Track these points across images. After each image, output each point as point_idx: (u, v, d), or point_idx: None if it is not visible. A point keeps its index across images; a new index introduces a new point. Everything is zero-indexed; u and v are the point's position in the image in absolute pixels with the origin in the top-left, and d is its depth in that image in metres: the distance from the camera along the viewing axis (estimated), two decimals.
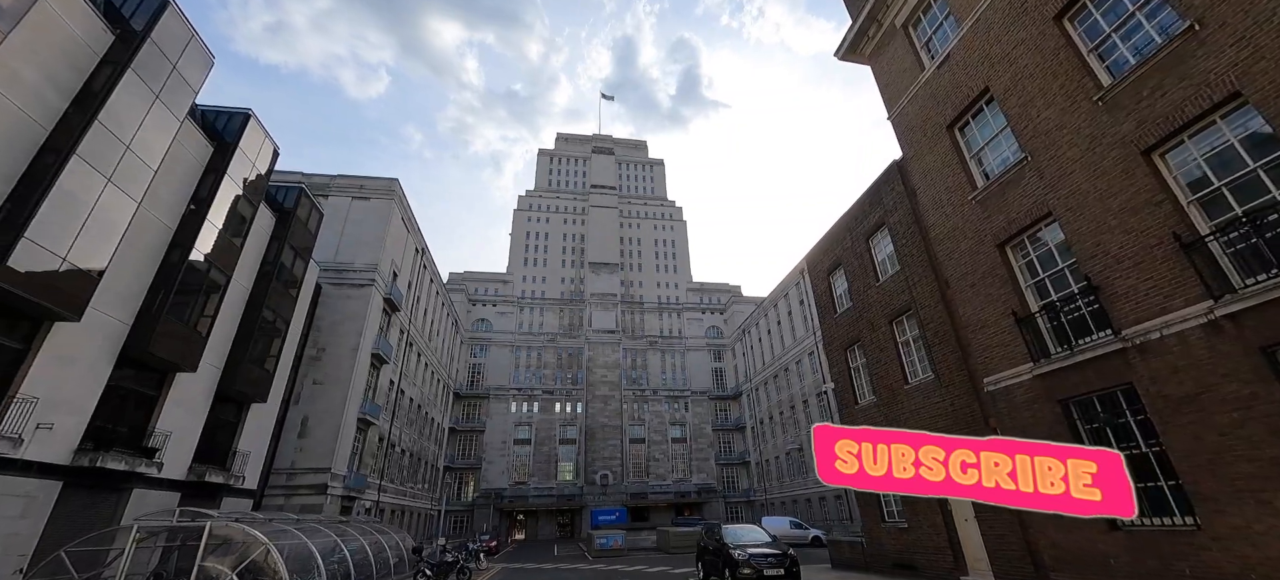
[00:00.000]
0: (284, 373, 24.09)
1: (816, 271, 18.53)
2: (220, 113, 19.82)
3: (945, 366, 12.33)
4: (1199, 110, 7.77)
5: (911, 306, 13.54)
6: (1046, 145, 10.05)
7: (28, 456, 12.72)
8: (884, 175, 14.97)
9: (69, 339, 13.66)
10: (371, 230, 32.59)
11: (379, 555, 18.06)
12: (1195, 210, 7.94)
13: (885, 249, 15.04)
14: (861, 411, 15.61)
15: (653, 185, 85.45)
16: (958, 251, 12.02)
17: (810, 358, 46.33)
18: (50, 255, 12.48)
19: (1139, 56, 8.79)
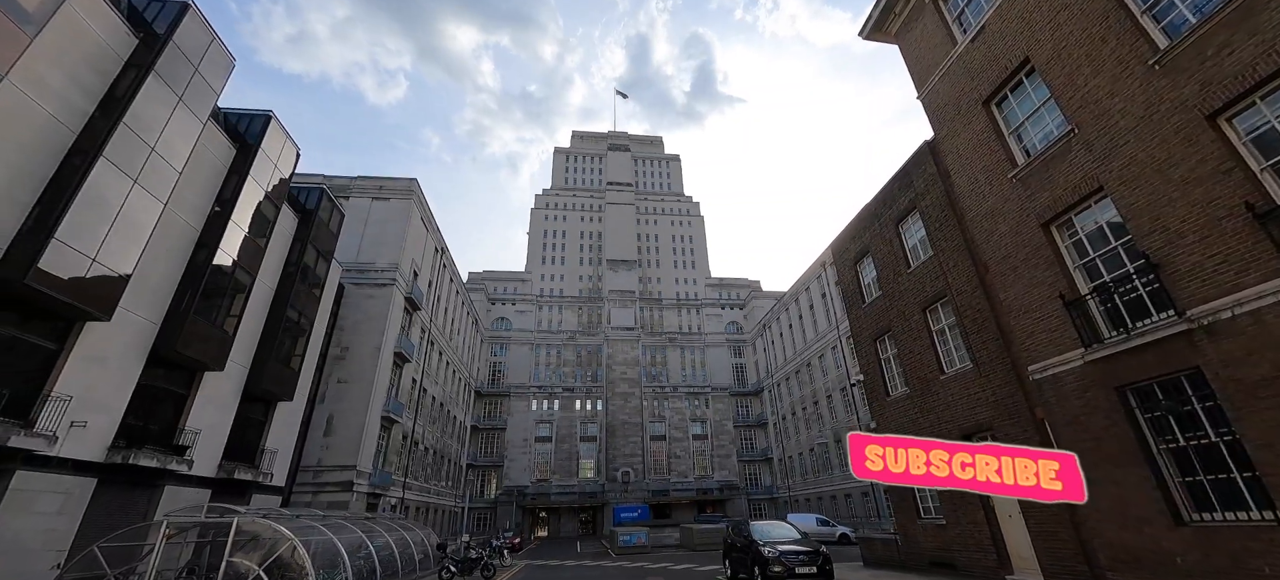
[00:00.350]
0: (309, 371, 24.43)
1: (842, 260, 17.92)
2: (242, 115, 20.09)
3: (985, 355, 11.70)
4: (1272, 68, 7.09)
5: (946, 293, 12.91)
6: (1096, 116, 9.38)
7: (63, 454, 12.99)
8: (914, 157, 14.33)
9: (100, 339, 13.92)
10: (392, 230, 32.90)
11: (404, 552, 18.11)
12: (1269, 177, 7.26)
13: (916, 234, 14.40)
14: (893, 404, 15.01)
15: (669, 181, 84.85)
16: (997, 233, 11.38)
17: (834, 352, 45.40)
18: (80, 256, 12.69)
19: (1199, 15, 8.10)
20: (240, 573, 11.19)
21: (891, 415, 15.05)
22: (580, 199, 77.22)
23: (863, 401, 40.30)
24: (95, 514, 13.88)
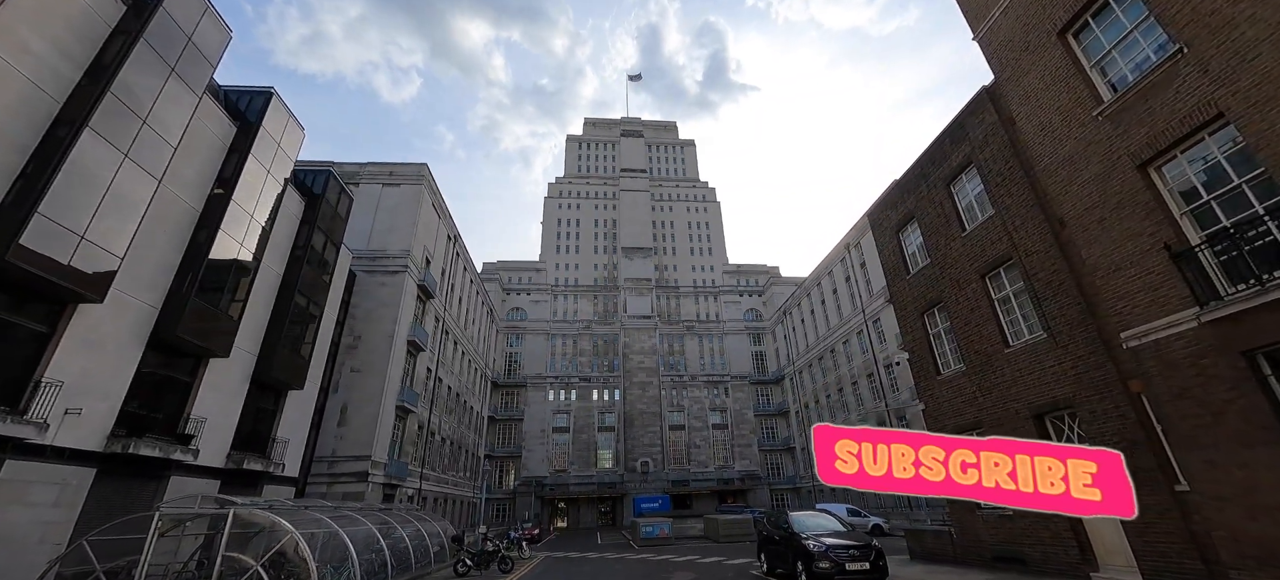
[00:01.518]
0: (320, 360, 23.76)
1: (882, 229, 16.44)
2: (242, 93, 19.27)
3: (1063, 322, 10.24)
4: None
5: (1011, 256, 11.43)
6: (1212, 29, 7.86)
7: (58, 442, 12.29)
8: (970, 106, 12.79)
9: (94, 322, 13.18)
10: (403, 216, 32.13)
11: (418, 544, 17.28)
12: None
13: (971, 192, 12.89)
14: (946, 383, 13.57)
15: (684, 167, 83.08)
16: (1078, 181, 9.88)
17: (859, 337, 43.68)
18: (66, 233, 11.89)
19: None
20: (238, 568, 10.33)
21: (944, 396, 13.63)
22: (594, 186, 76.01)
23: (893, 386, 38.63)
24: (95, 506, 13.21)
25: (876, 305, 40.69)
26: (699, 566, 17.76)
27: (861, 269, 43.38)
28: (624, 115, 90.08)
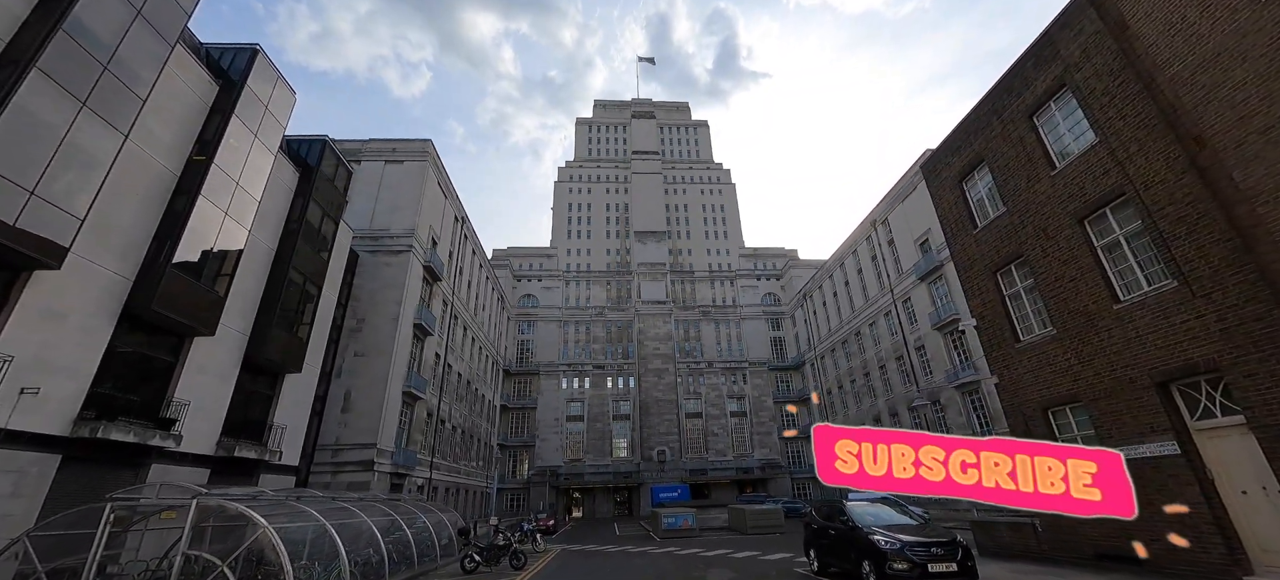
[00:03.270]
0: (321, 343, 22.36)
1: (941, 179, 14.35)
2: (225, 50, 17.70)
3: (1202, 266, 8.20)
4: None
5: (1124, 189, 9.37)
6: None
7: (12, 426, 10.87)
8: (1059, 19, 10.65)
9: (52, 291, 11.73)
10: (407, 194, 30.59)
11: (422, 538, 15.76)
12: None
13: (1064, 121, 10.80)
14: (1028, 351, 11.56)
15: (697, 148, 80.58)
16: (1226, 87, 7.81)
17: (887, 318, 41.41)
18: (13, 187, 10.39)
19: None
20: (198, 570, 8.82)
21: (1025, 367, 11.63)
22: (605, 170, 74.02)
23: (926, 369, 36.40)
24: (62, 497, 11.82)
25: (906, 284, 38.39)
26: (734, 563, 16.03)
27: (889, 246, 41.02)
28: (635, 97, 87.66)
